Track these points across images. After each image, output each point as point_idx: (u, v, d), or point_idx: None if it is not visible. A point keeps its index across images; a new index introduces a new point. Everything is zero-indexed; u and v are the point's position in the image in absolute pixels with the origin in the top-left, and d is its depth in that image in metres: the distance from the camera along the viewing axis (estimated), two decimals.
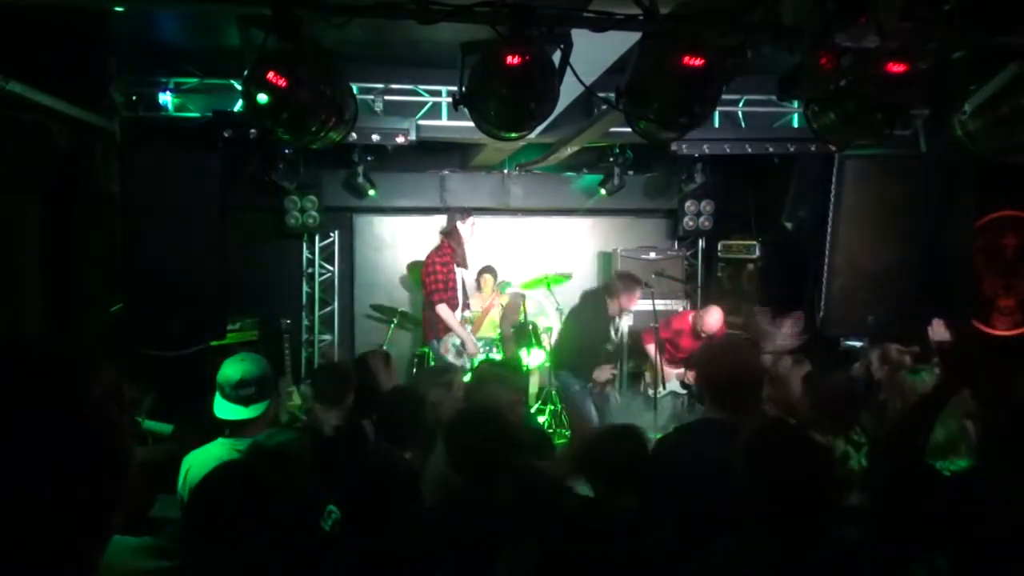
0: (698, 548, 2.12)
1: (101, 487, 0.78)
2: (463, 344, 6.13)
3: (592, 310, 6.13)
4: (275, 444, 2.59)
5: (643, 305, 6.59)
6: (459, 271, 6.38)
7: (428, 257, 6.33)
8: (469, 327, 6.42)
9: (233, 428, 2.92)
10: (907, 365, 3.67)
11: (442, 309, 6.06)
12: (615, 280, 6.43)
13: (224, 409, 2.93)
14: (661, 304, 6.93)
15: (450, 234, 6.34)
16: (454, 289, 6.23)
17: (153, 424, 3.43)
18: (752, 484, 2.03)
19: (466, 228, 6.38)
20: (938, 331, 3.86)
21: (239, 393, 2.91)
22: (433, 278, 6.12)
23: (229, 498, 2.15)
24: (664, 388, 6.49)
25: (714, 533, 2.10)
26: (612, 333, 6.37)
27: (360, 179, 7.14)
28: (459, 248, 6.34)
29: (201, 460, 2.83)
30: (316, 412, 3.59)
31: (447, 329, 6.15)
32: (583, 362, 6.04)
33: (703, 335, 6.30)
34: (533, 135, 4.58)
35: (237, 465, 2.22)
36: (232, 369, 2.96)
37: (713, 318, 6.31)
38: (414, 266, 7.32)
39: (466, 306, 6.56)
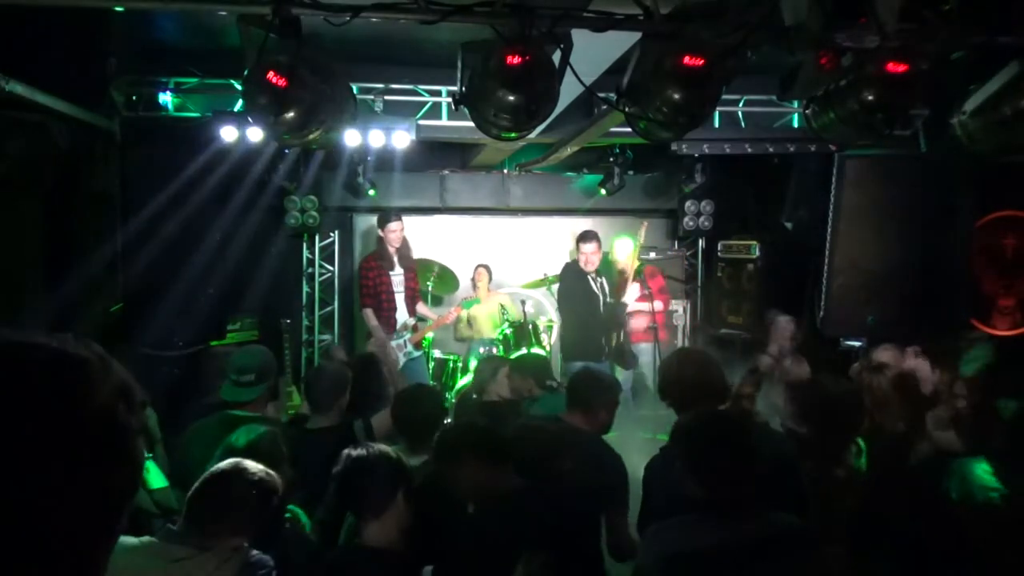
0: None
1: (108, 489, 0.78)
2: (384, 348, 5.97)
3: (569, 281, 6.09)
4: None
5: (643, 306, 6.59)
6: (396, 276, 6.28)
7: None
8: (408, 335, 6.30)
9: (233, 406, 3.44)
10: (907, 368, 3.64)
11: (366, 313, 6.16)
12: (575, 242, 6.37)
13: (228, 392, 3.51)
14: (661, 305, 6.92)
15: (379, 239, 6.33)
16: (387, 294, 6.20)
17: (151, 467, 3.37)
18: (684, 469, 2.17)
19: (389, 234, 6.24)
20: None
21: (240, 379, 3.48)
22: (361, 283, 6.27)
23: (229, 496, 2.15)
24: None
25: None
26: (601, 297, 6.21)
27: (360, 179, 7.14)
28: (384, 251, 6.28)
29: (202, 428, 3.31)
30: (309, 415, 3.64)
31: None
32: (591, 340, 5.99)
33: (622, 269, 6.32)
34: (533, 135, 4.58)
35: (235, 468, 2.22)
36: (238, 359, 3.58)
37: (619, 250, 6.34)
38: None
39: (413, 311, 6.44)
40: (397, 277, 6.29)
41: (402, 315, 6.31)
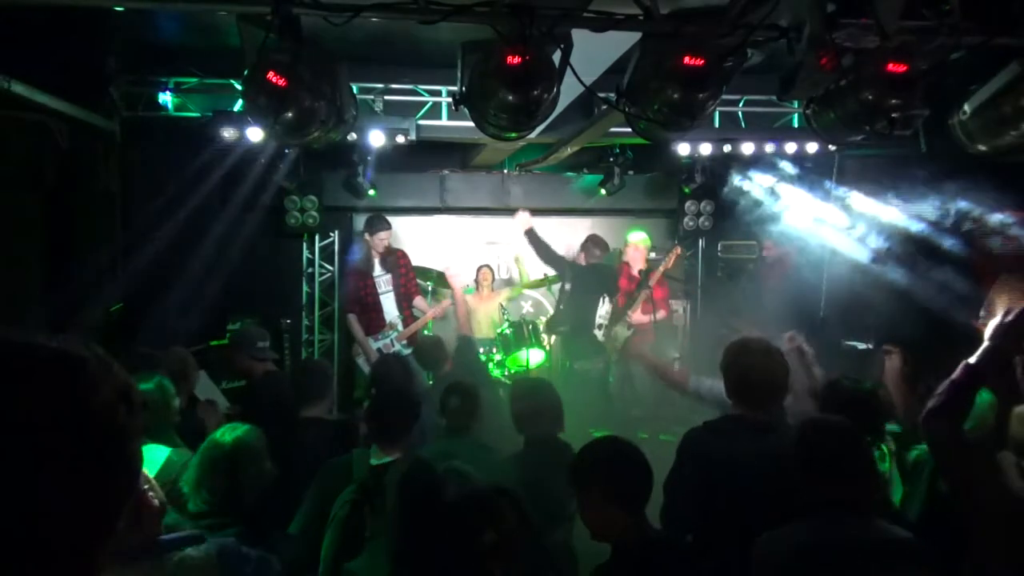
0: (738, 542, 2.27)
1: (106, 490, 0.78)
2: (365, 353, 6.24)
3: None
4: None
5: (646, 317, 6.58)
6: (381, 278, 6.32)
7: None
8: (395, 333, 6.31)
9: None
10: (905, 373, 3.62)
11: (349, 319, 6.32)
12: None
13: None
14: (663, 313, 6.90)
15: (363, 243, 6.43)
16: (372, 297, 6.26)
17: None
18: (805, 473, 2.22)
19: (378, 241, 6.30)
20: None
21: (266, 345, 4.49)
22: (345, 289, 6.48)
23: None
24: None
25: (754, 525, 2.24)
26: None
27: (360, 179, 7.13)
28: (366, 255, 6.38)
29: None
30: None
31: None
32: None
33: (633, 271, 6.50)
34: (533, 135, 4.58)
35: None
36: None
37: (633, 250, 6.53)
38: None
39: (409, 313, 6.44)
40: (382, 278, 6.31)
41: (389, 315, 6.32)
